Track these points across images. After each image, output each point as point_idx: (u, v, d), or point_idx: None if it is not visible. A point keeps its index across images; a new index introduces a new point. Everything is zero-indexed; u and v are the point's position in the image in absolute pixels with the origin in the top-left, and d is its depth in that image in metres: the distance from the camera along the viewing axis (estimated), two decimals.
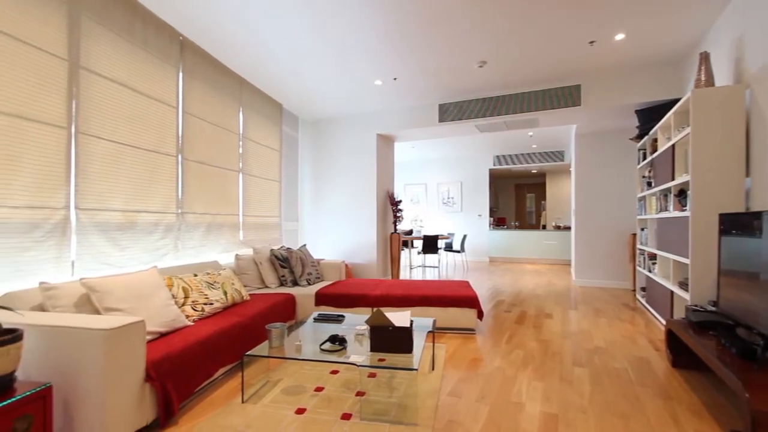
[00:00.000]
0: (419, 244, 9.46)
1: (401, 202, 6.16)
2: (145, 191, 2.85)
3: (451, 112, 5.08)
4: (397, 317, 2.25)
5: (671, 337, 2.59)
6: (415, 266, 8.40)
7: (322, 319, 2.74)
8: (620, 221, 5.67)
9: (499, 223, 11.54)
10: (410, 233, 7.86)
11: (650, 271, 4.09)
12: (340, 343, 2.16)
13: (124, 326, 1.66)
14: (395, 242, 5.78)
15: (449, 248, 7.83)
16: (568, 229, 9.03)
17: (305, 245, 4.32)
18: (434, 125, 5.20)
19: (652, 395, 2.14)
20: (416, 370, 1.83)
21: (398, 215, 5.97)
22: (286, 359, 2.38)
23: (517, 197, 12.35)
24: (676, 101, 4.04)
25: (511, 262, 9.22)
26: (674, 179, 3.22)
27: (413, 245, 9.26)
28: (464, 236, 7.89)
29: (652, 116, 4.22)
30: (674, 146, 3.23)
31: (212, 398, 2.14)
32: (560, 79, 4.41)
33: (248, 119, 4.28)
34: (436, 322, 3.24)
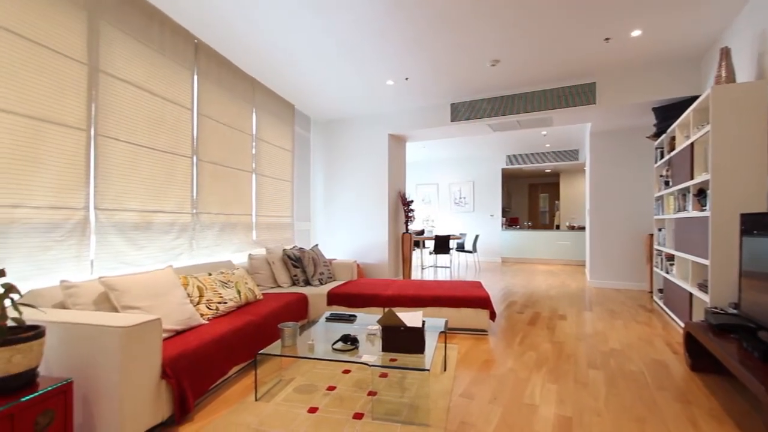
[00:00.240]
0: (431, 244, 9.43)
1: (413, 202, 6.13)
2: (160, 192, 2.91)
3: (463, 111, 5.05)
4: (408, 317, 2.25)
5: (690, 339, 2.53)
6: (426, 266, 8.37)
7: (334, 318, 2.75)
8: (636, 221, 5.55)
9: (511, 223, 11.43)
10: (422, 233, 7.85)
11: (668, 272, 4.00)
12: (352, 342, 2.17)
13: (141, 324, 1.69)
14: (407, 242, 5.77)
15: (461, 248, 7.78)
16: (582, 229, 8.87)
17: (317, 245, 4.35)
18: (446, 125, 5.17)
19: (669, 399, 2.09)
20: (428, 370, 1.83)
21: (410, 215, 5.96)
22: (298, 358, 2.41)
23: (530, 197, 12.21)
24: (695, 98, 3.94)
25: (523, 262, 9.12)
26: (693, 178, 3.14)
27: (425, 245, 9.23)
28: (476, 236, 7.84)
29: (669, 114, 4.12)
30: (693, 144, 3.15)
31: (226, 396, 2.17)
32: (575, 76, 4.33)
33: (261, 120, 4.33)
34: (448, 322, 3.23)
